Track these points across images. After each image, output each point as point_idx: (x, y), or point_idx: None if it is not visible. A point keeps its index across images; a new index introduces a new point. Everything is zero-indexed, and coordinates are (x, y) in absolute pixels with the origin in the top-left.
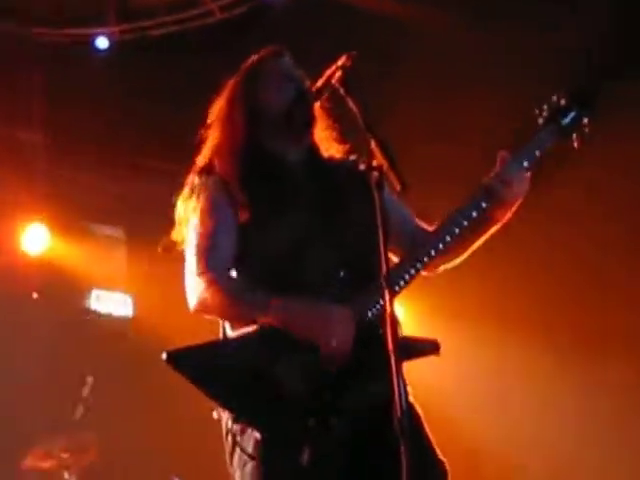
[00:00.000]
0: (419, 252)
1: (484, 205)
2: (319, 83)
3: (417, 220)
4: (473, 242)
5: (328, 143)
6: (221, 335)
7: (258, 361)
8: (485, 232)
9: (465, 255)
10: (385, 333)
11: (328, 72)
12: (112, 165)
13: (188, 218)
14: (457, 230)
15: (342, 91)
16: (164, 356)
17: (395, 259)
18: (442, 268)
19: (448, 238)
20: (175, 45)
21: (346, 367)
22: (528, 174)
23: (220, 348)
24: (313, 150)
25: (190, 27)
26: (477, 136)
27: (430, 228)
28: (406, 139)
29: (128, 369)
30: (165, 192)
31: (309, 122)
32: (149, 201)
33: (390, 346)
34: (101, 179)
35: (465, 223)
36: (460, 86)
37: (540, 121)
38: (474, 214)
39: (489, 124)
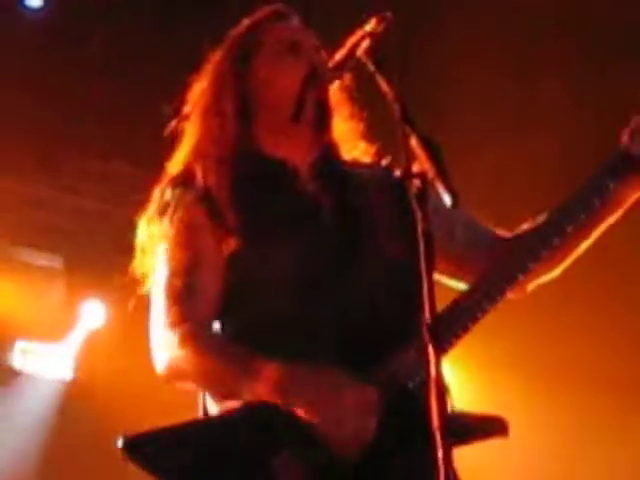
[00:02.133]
0: (500, 273)
1: (612, 182)
2: (339, 56)
3: (489, 228)
4: (585, 239)
5: (351, 141)
6: (200, 412)
7: (251, 452)
8: (603, 222)
9: (568, 262)
10: (429, 408)
11: (352, 40)
12: (47, 169)
13: (155, 247)
14: (571, 225)
15: (371, 67)
16: (120, 443)
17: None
18: (536, 283)
19: (556, 239)
20: (133, 4)
21: (374, 459)
22: None
23: (199, 433)
24: (330, 151)
25: None
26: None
27: (509, 236)
28: (461, 136)
29: (63, 455)
30: (122, 208)
31: (325, 112)
32: (98, 221)
33: (436, 427)
34: (33, 189)
35: (584, 214)
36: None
37: None
38: (600, 198)
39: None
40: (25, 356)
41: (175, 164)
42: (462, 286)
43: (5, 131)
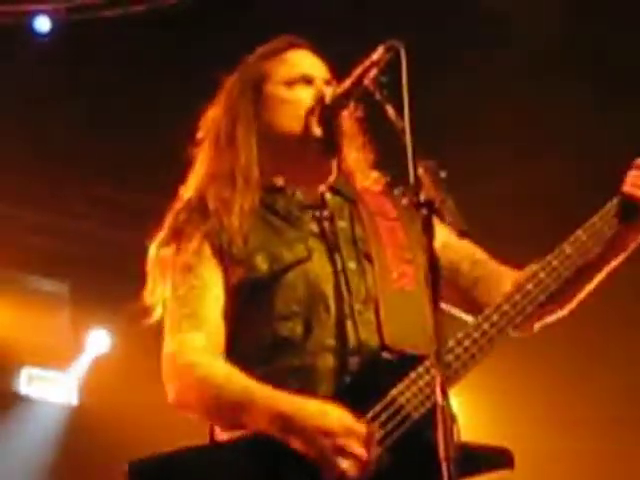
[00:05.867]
0: (498, 308)
1: (617, 226)
2: (346, 85)
3: (495, 263)
4: (591, 280)
5: (363, 170)
6: (209, 437)
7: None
8: (609, 264)
9: (574, 303)
10: (436, 439)
11: (359, 69)
12: (54, 196)
13: (164, 273)
14: (571, 266)
15: (378, 96)
16: (126, 468)
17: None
18: (541, 324)
19: (566, 274)
20: (142, 28)
21: None
22: None
23: (202, 460)
24: (341, 180)
25: (161, 3)
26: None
27: (518, 273)
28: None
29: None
30: (129, 235)
31: (334, 141)
32: (106, 246)
33: (443, 457)
34: (40, 215)
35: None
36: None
37: None
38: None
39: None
40: (31, 382)
41: (187, 190)
42: (470, 318)
43: (12, 157)
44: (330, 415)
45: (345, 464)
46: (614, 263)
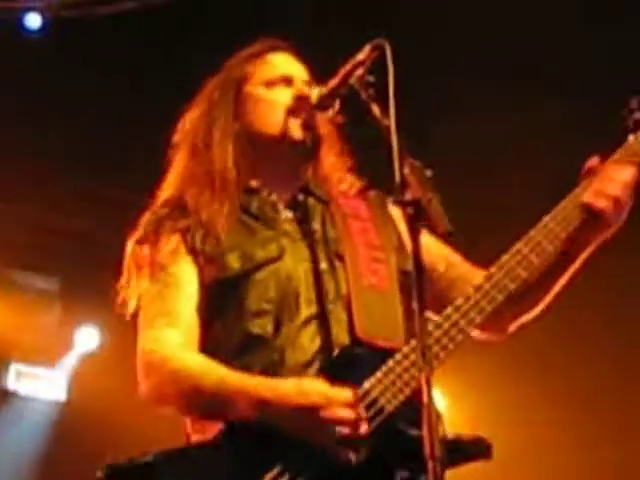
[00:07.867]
0: (467, 307)
1: (577, 227)
2: (332, 83)
3: (469, 265)
4: (559, 279)
5: (339, 174)
6: (186, 437)
7: (237, 475)
8: (574, 264)
9: (546, 301)
10: (417, 432)
11: (345, 68)
12: (44, 192)
13: (141, 270)
14: (541, 253)
15: (364, 95)
16: (100, 473)
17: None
18: (515, 325)
19: (522, 271)
20: (132, 26)
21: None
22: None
23: (180, 462)
24: (316, 183)
25: (151, 2)
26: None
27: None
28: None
29: (55, 476)
30: (118, 230)
31: (313, 142)
32: (96, 243)
33: (428, 452)
34: (29, 211)
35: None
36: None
37: (631, 124)
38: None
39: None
40: (19, 378)
41: (165, 190)
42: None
43: (1, 154)
44: (307, 390)
45: (337, 432)
46: (579, 262)
